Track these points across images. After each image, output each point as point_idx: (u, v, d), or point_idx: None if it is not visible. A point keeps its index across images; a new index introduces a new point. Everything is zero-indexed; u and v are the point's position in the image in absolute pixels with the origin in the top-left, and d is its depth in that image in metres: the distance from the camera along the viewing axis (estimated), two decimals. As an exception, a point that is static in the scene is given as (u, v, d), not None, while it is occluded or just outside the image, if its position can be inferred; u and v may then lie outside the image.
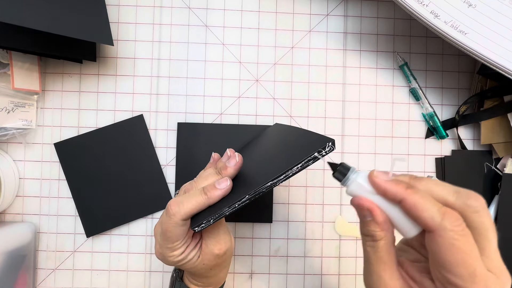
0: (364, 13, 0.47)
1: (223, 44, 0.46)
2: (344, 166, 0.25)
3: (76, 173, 0.44)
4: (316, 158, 0.28)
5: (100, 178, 0.44)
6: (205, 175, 0.32)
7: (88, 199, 0.44)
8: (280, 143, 0.36)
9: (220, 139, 0.45)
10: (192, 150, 0.44)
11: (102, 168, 0.44)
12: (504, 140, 0.45)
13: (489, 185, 0.46)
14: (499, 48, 0.36)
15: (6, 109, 0.40)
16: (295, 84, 0.46)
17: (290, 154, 0.31)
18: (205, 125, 0.45)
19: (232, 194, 0.31)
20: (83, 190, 0.44)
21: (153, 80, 0.45)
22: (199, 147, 0.45)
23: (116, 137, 0.44)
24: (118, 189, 0.44)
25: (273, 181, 0.28)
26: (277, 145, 0.36)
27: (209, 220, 0.28)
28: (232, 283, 0.45)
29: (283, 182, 0.28)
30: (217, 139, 0.45)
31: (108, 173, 0.44)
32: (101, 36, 0.39)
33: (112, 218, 0.44)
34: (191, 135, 0.45)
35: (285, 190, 0.45)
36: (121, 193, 0.44)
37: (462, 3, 0.37)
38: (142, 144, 0.44)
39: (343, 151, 0.46)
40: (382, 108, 0.47)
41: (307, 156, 0.28)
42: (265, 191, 0.28)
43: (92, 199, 0.44)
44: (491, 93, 0.45)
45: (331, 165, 0.26)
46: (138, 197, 0.44)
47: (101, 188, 0.44)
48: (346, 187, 0.24)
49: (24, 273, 0.41)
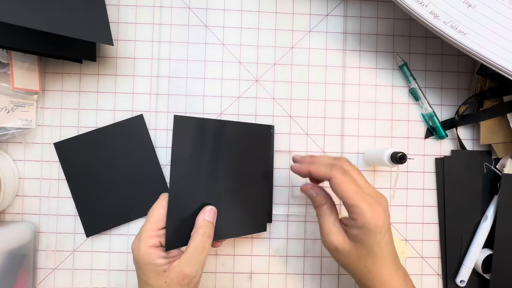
0: (363, 13, 0.47)
1: (223, 44, 0.46)
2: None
3: (75, 173, 0.44)
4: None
5: (100, 178, 0.44)
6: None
7: (88, 199, 0.44)
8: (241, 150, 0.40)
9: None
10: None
11: (102, 168, 0.44)
12: (504, 140, 0.45)
13: (489, 185, 0.46)
14: (498, 49, 0.36)
15: (6, 108, 0.40)
16: (294, 84, 0.46)
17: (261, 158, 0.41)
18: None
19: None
20: (83, 190, 0.44)
21: (153, 80, 0.45)
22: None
23: (116, 137, 0.44)
24: (118, 189, 0.44)
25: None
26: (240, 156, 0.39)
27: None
28: (232, 283, 0.45)
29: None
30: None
31: (108, 173, 0.44)
32: (101, 36, 0.39)
33: (111, 218, 0.44)
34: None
35: (285, 190, 0.46)
36: (121, 193, 0.44)
37: (462, 4, 0.37)
38: (142, 144, 0.44)
39: (343, 151, 0.46)
40: (382, 108, 0.47)
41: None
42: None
43: (92, 199, 0.44)
44: (491, 93, 0.45)
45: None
46: (138, 197, 0.44)
47: (101, 188, 0.44)
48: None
49: (24, 273, 0.41)
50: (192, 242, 0.32)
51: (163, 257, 0.32)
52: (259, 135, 0.41)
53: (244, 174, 0.39)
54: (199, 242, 0.32)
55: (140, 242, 0.32)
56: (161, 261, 0.31)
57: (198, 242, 0.32)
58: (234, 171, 0.38)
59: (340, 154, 0.46)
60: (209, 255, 0.45)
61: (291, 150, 0.46)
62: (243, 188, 0.39)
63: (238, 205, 0.39)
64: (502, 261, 0.43)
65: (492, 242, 0.44)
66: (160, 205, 0.33)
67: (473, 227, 0.46)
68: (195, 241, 0.32)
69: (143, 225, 0.33)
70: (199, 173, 0.35)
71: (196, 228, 0.33)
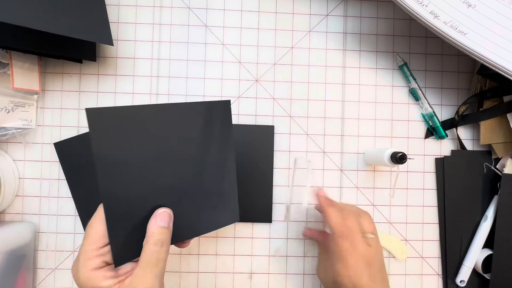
0: (363, 14, 0.47)
1: (223, 44, 0.46)
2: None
3: (76, 173, 0.44)
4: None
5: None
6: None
7: (88, 199, 0.44)
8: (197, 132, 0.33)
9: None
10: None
11: (102, 168, 0.44)
12: (504, 140, 0.45)
13: (489, 185, 0.46)
14: (498, 49, 0.36)
15: (6, 109, 0.40)
16: (294, 84, 0.46)
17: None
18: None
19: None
20: (83, 190, 0.44)
21: (153, 80, 0.45)
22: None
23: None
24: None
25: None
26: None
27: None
28: (232, 283, 0.45)
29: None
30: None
31: (108, 173, 0.44)
32: (101, 36, 0.39)
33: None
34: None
35: (285, 190, 0.45)
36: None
37: (462, 4, 0.37)
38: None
39: (343, 151, 0.46)
40: (382, 108, 0.47)
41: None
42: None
43: (92, 199, 0.44)
44: (491, 93, 0.45)
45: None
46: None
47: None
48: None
49: (24, 273, 0.41)
50: (144, 254, 0.28)
51: (111, 278, 0.27)
52: (215, 114, 0.34)
53: (198, 161, 0.34)
54: (152, 253, 0.28)
55: (78, 266, 0.27)
56: (107, 283, 0.27)
57: (151, 253, 0.28)
58: (187, 160, 0.33)
59: (340, 154, 0.46)
60: (209, 255, 0.45)
61: (291, 150, 0.46)
62: (201, 178, 0.34)
63: (199, 199, 0.34)
64: (502, 261, 0.43)
65: (492, 242, 0.44)
66: (97, 219, 0.28)
67: (473, 227, 0.46)
68: (147, 252, 0.28)
69: (81, 245, 0.28)
70: (137, 171, 0.30)
71: (147, 237, 0.29)
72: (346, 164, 0.46)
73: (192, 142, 0.33)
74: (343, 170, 0.46)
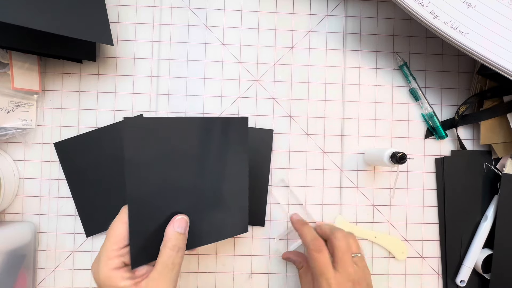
0: (363, 13, 0.47)
1: (223, 44, 0.46)
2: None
3: (76, 173, 0.44)
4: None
5: (100, 177, 0.44)
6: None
7: (88, 199, 0.44)
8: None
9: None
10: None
11: (102, 168, 0.44)
12: (504, 140, 0.45)
13: (489, 185, 0.46)
14: (498, 49, 0.36)
15: (6, 109, 0.40)
16: (294, 84, 0.46)
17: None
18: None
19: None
20: (83, 190, 0.44)
21: (153, 80, 0.45)
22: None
23: (116, 137, 0.44)
24: (118, 189, 0.44)
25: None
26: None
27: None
28: (232, 283, 0.45)
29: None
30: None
31: (108, 173, 0.44)
32: (101, 36, 0.39)
33: (111, 218, 0.43)
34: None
35: (285, 190, 0.45)
36: (121, 193, 0.44)
37: (462, 4, 0.37)
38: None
39: (342, 151, 0.46)
40: (382, 108, 0.47)
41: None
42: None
43: (92, 199, 0.44)
44: (491, 93, 0.45)
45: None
46: (137, 197, 0.44)
47: (101, 188, 0.44)
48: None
49: (24, 273, 0.41)
50: (161, 258, 0.29)
51: (128, 278, 0.28)
52: (232, 129, 0.37)
53: (217, 173, 0.36)
54: (169, 258, 0.29)
55: (99, 265, 0.28)
56: (125, 284, 0.28)
57: (167, 258, 0.29)
58: (206, 171, 0.35)
59: (340, 154, 0.46)
60: (209, 255, 0.45)
61: (291, 150, 0.46)
62: (217, 189, 0.36)
63: (213, 209, 0.36)
64: (502, 261, 0.43)
65: (492, 242, 0.44)
66: (120, 221, 0.30)
67: (473, 227, 0.46)
68: (164, 256, 0.29)
69: (102, 245, 0.29)
70: (160, 179, 0.32)
71: (165, 241, 0.30)
72: (346, 164, 0.46)
73: (210, 155, 0.35)
74: (343, 170, 0.46)
